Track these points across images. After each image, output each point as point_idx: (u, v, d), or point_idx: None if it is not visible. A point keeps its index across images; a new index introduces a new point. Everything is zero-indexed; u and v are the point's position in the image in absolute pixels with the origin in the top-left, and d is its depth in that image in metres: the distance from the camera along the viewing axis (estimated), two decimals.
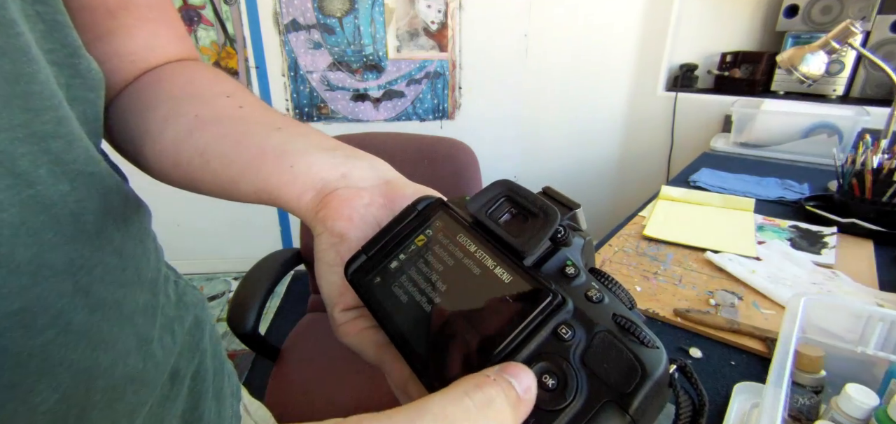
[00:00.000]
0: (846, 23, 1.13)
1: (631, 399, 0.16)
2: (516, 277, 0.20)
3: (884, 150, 1.02)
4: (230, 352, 1.92)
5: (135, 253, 0.34)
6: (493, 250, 0.22)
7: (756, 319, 0.68)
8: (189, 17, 2.01)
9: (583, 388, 0.17)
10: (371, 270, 0.24)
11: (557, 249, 0.22)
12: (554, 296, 0.19)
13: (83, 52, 0.29)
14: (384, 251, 0.24)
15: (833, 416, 0.45)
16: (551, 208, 0.22)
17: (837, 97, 1.74)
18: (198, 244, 2.36)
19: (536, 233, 0.21)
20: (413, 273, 0.23)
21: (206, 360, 0.43)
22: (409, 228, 0.24)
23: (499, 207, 0.23)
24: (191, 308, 0.42)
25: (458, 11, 2.06)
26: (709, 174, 1.32)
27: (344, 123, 2.23)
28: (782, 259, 0.85)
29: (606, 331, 0.18)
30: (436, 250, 0.23)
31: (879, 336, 0.50)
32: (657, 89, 2.04)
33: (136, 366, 0.32)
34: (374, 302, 0.22)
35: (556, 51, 2.12)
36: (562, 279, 0.21)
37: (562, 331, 0.18)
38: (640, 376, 0.17)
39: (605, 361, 0.17)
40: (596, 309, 0.19)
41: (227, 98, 0.34)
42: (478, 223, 0.23)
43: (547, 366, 0.17)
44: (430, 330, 0.20)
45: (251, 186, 0.30)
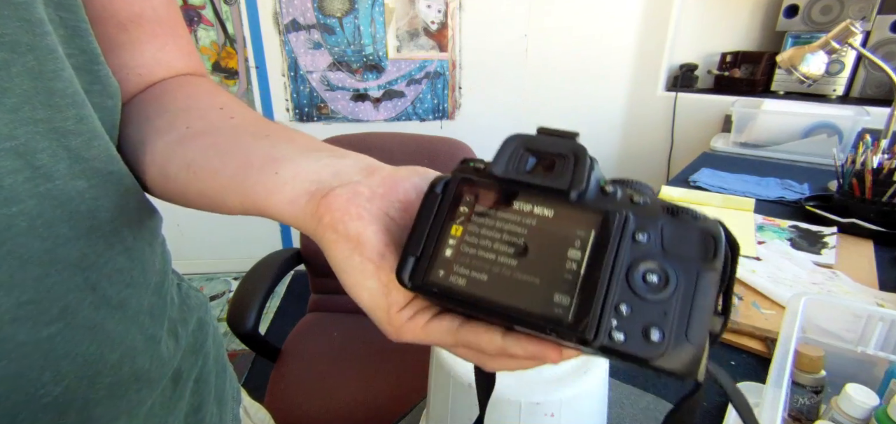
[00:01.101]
0: (846, 23, 1.13)
1: (715, 260, 0.20)
2: (578, 213, 0.21)
3: (884, 150, 1.02)
4: (230, 352, 1.92)
5: (144, 256, 0.34)
6: (537, 197, 0.22)
7: (756, 319, 0.68)
8: (189, 17, 2.01)
9: (679, 269, 0.20)
10: (428, 268, 0.23)
11: (589, 175, 0.23)
12: (620, 214, 0.21)
13: (102, 61, 0.30)
14: (430, 244, 0.23)
15: (833, 416, 0.45)
16: (576, 144, 0.23)
17: (837, 97, 1.74)
18: (198, 244, 2.36)
19: (578, 169, 0.22)
20: (474, 251, 0.22)
21: (209, 363, 0.43)
22: (443, 212, 0.24)
23: (521, 160, 0.24)
24: (194, 310, 0.42)
25: (458, 11, 2.06)
26: (709, 174, 1.32)
27: (344, 123, 2.23)
28: (782, 259, 0.85)
29: (667, 222, 0.21)
30: (485, 221, 0.23)
31: (879, 336, 0.50)
32: (657, 89, 2.04)
33: (142, 365, 0.33)
34: (452, 294, 0.22)
35: (556, 51, 2.12)
36: (607, 198, 0.22)
37: (638, 237, 0.21)
38: (713, 241, 0.20)
39: (681, 243, 0.20)
40: (646, 208, 0.21)
41: (220, 110, 0.34)
42: (510, 182, 0.23)
43: (645, 267, 0.20)
44: (526, 286, 0.21)
45: (238, 198, 0.28)
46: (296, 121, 2.21)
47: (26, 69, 0.24)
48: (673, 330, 0.19)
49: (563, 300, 0.20)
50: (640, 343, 0.20)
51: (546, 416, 0.37)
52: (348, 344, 1.12)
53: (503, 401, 0.37)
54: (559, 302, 0.20)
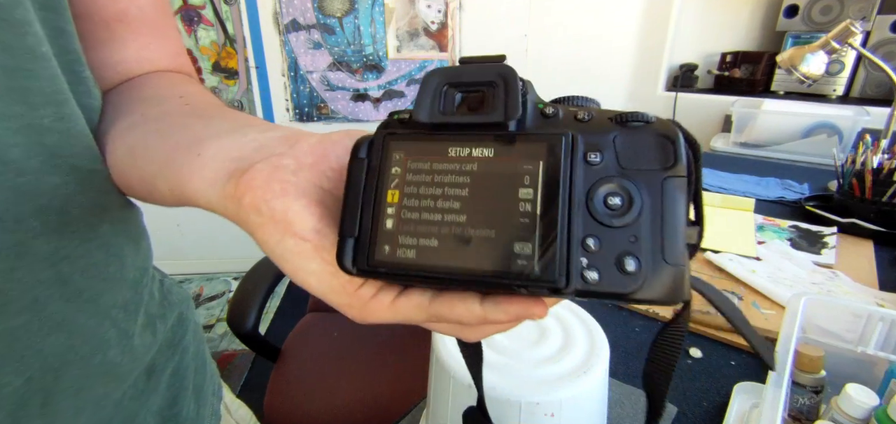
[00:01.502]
0: (846, 23, 1.13)
1: (677, 164, 0.18)
2: (521, 145, 0.19)
3: (884, 150, 1.02)
4: (230, 352, 1.92)
5: (123, 251, 0.34)
6: (472, 139, 0.20)
7: (756, 319, 0.68)
8: (189, 17, 2.01)
9: (641, 186, 0.18)
10: (371, 247, 0.20)
11: (524, 99, 0.21)
12: (566, 137, 0.19)
13: (85, 62, 0.31)
14: (367, 220, 0.21)
15: (833, 416, 0.45)
16: (503, 66, 0.21)
17: (837, 97, 1.74)
18: (198, 244, 2.36)
19: (510, 96, 0.20)
20: (417, 215, 0.20)
21: (186, 358, 0.43)
22: (373, 179, 0.21)
23: (447, 99, 0.21)
24: (175, 306, 0.42)
25: (458, 11, 2.06)
26: (709, 174, 1.32)
27: (344, 123, 2.23)
28: (782, 259, 0.85)
29: (618, 134, 0.19)
30: (420, 180, 0.20)
31: (879, 336, 0.50)
32: (657, 89, 2.04)
33: (114, 359, 0.33)
34: (402, 270, 0.20)
35: (556, 51, 2.12)
36: (548, 122, 0.21)
37: (591, 158, 0.19)
38: (671, 144, 0.19)
39: (638, 155, 0.19)
40: (593, 124, 0.20)
41: (179, 98, 0.33)
42: (439, 126, 0.21)
43: (605, 191, 0.18)
44: (482, 243, 0.19)
45: (166, 183, 0.26)
46: (296, 121, 2.21)
47: (0, 67, 0.25)
48: (648, 254, 0.18)
49: (524, 248, 0.18)
50: (616, 277, 0.18)
51: (546, 416, 0.37)
52: (348, 344, 1.12)
53: (503, 401, 0.37)
54: (521, 251, 0.18)
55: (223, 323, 2.10)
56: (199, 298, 2.27)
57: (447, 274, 0.19)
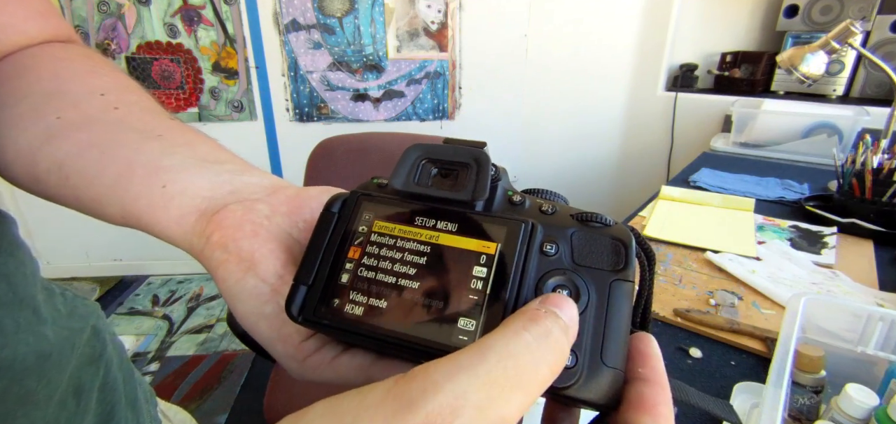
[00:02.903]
0: (846, 23, 1.13)
1: (626, 269, 0.19)
2: (482, 225, 0.20)
3: (884, 150, 1.02)
4: (230, 352, 1.92)
5: (6, 269, 0.29)
6: (440, 213, 0.21)
7: (756, 319, 0.68)
8: (189, 16, 2.01)
9: (589, 283, 0.19)
10: (321, 298, 0.20)
11: (495, 185, 0.22)
12: (526, 224, 0.20)
13: None
14: (323, 271, 0.21)
15: (833, 416, 0.45)
16: (478, 152, 0.22)
17: (837, 97, 1.74)
18: None
19: (480, 179, 0.21)
20: (373, 274, 0.20)
21: (112, 370, 0.39)
22: (339, 234, 0.21)
23: (422, 172, 0.22)
24: (86, 318, 0.38)
25: (458, 11, 2.06)
26: (709, 174, 1.32)
27: (344, 123, 2.23)
28: (782, 259, 0.85)
29: (576, 231, 0.20)
30: (383, 241, 0.21)
31: (879, 336, 0.50)
32: (657, 89, 2.04)
33: (30, 386, 0.29)
34: (347, 327, 0.20)
35: (555, 51, 2.12)
36: (513, 208, 0.21)
37: (547, 249, 0.20)
38: (624, 249, 0.19)
39: (591, 253, 0.20)
40: (555, 218, 0.21)
41: (101, 97, 0.28)
42: (411, 195, 0.22)
43: (554, 282, 0.19)
44: (431, 314, 0.19)
45: (117, 208, 0.25)
46: (296, 121, 2.21)
47: None
48: (587, 352, 0.18)
49: (468, 325, 0.18)
50: None
51: None
52: None
53: None
54: (463, 327, 0.18)
55: (223, 323, 2.10)
56: (199, 298, 2.28)
57: (388, 337, 0.19)
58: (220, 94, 2.15)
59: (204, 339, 2.01)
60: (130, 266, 2.45)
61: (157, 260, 2.42)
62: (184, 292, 2.33)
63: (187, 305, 2.23)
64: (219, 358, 1.90)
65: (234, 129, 2.20)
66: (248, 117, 2.19)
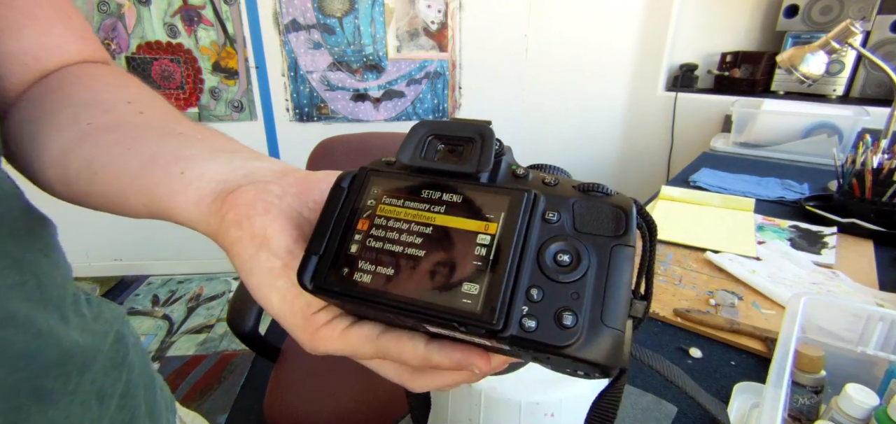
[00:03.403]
0: (846, 23, 1.13)
1: (627, 234, 0.20)
2: (486, 195, 0.21)
3: (884, 150, 1.02)
4: (230, 352, 1.92)
5: (38, 268, 0.31)
6: (445, 186, 0.22)
7: (756, 319, 0.68)
8: (189, 16, 2.01)
9: (590, 248, 0.19)
10: (332, 267, 0.21)
11: (499, 159, 0.22)
12: (528, 194, 0.20)
13: None
14: (333, 242, 0.22)
15: (833, 416, 0.45)
16: (483, 126, 0.22)
17: (837, 97, 1.74)
18: (198, 244, 2.36)
19: (484, 151, 0.22)
20: (381, 244, 0.21)
21: (133, 376, 0.40)
22: (348, 207, 0.22)
23: (429, 147, 0.23)
24: (110, 324, 0.39)
25: (458, 11, 2.06)
26: (709, 174, 1.32)
27: (344, 123, 2.23)
28: (782, 259, 0.85)
29: (578, 200, 0.21)
30: (391, 214, 0.22)
31: (879, 336, 0.50)
32: (657, 89, 2.04)
33: (47, 384, 0.30)
34: (356, 294, 0.21)
35: (555, 51, 2.12)
36: (517, 180, 0.22)
37: (549, 217, 0.20)
38: (624, 216, 0.20)
39: (592, 220, 0.20)
40: (558, 188, 0.21)
41: (128, 104, 0.31)
42: (417, 170, 0.22)
43: (556, 248, 0.20)
44: (436, 280, 0.20)
45: (140, 199, 0.26)
46: (296, 121, 2.21)
47: None
48: (587, 312, 0.18)
49: (472, 289, 0.19)
50: (552, 329, 0.18)
51: (546, 416, 0.37)
52: None
53: (503, 401, 0.37)
54: (468, 291, 0.19)
55: (223, 323, 2.10)
56: (199, 298, 2.28)
57: (395, 302, 0.20)
58: (220, 94, 2.15)
59: (204, 339, 2.01)
60: (130, 266, 2.45)
61: (157, 261, 2.42)
62: (184, 292, 2.33)
63: (187, 305, 2.23)
64: (219, 358, 1.90)
65: (234, 129, 2.20)
66: (248, 117, 2.19)
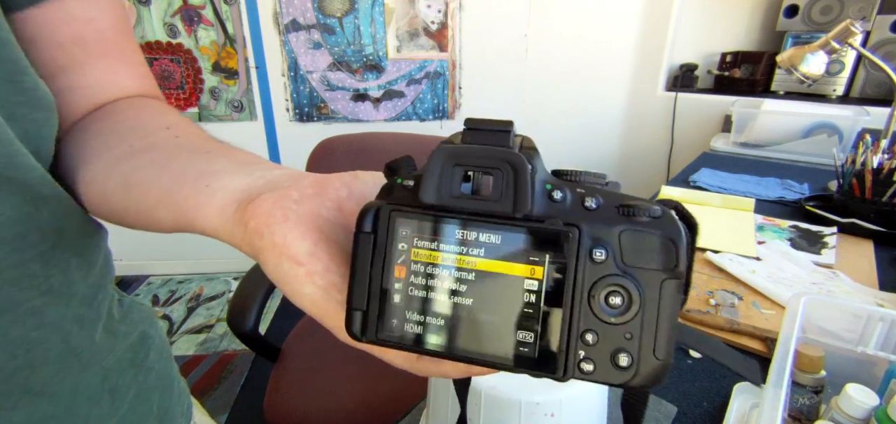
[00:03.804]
0: (846, 23, 1.13)
1: (677, 267, 0.19)
2: (528, 236, 0.20)
3: (884, 150, 1.02)
4: (230, 352, 1.92)
5: (68, 265, 0.33)
6: (481, 226, 0.20)
7: (756, 319, 0.68)
8: (189, 16, 2.01)
9: (641, 284, 0.19)
10: (379, 319, 0.21)
11: (533, 180, 0.20)
12: (572, 235, 0.19)
13: (29, 72, 0.30)
14: (375, 294, 0.21)
15: (833, 416, 0.45)
16: (511, 154, 0.20)
17: (837, 97, 1.74)
18: (198, 244, 2.36)
19: (519, 188, 0.20)
20: (424, 294, 0.21)
21: (150, 378, 0.42)
22: (380, 254, 0.21)
23: (453, 180, 0.21)
24: (137, 324, 0.41)
25: (458, 11, 2.06)
26: (709, 174, 1.32)
27: (344, 123, 2.23)
28: (782, 259, 0.85)
29: (624, 231, 0.20)
30: (427, 258, 0.21)
31: (879, 336, 0.50)
32: (657, 89, 2.04)
33: (43, 376, 0.31)
34: (408, 345, 0.21)
35: (555, 51, 2.12)
36: (555, 207, 0.20)
37: (595, 256, 0.19)
38: (674, 247, 0.19)
39: (640, 253, 0.19)
40: (599, 214, 0.20)
41: (166, 130, 0.33)
42: (445, 210, 0.21)
43: (607, 289, 0.19)
44: (488, 328, 0.20)
45: (170, 213, 0.28)
46: (296, 121, 2.21)
47: None
48: (640, 349, 0.19)
49: (527, 337, 0.20)
50: (610, 370, 0.19)
51: (546, 416, 0.37)
52: None
53: (503, 401, 0.37)
54: (523, 339, 0.20)
55: (223, 323, 2.10)
56: (199, 298, 2.28)
57: (451, 353, 0.20)
58: (220, 94, 2.15)
59: (204, 339, 2.01)
60: (130, 266, 2.45)
61: (157, 261, 2.42)
62: (184, 292, 2.33)
63: (187, 305, 2.23)
64: (219, 358, 1.90)
65: (234, 129, 2.20)
66: (248, 117, 2.19)
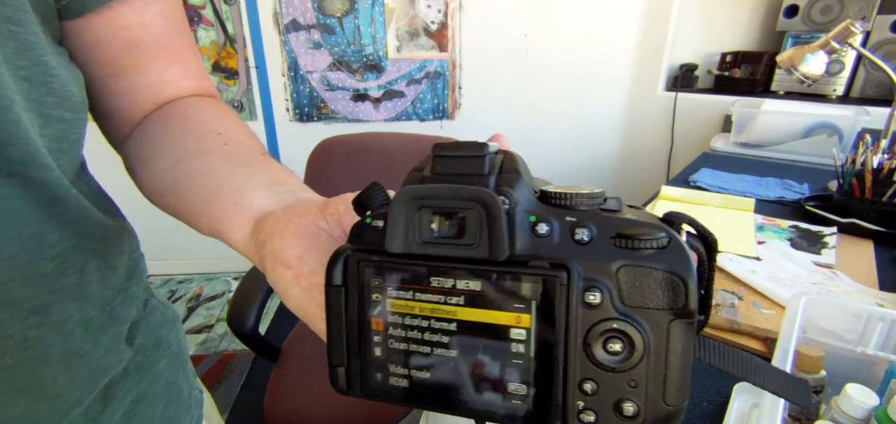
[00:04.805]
0: (846, 23, 1.13)
1: (687, 305, 0.16)
2: (509, 282, 0.17)
3: (884, 150, 1.02)
4: (230, 352, 1.92)
5: (86, 266, 0.32)
6: (457, 272, 0.18)
7: (756, 319, 0.68)
8: (189, 16, 2.01)
9: (644, 326, 0.16)
10: (363, 375, 0.20)
11: (512, 215, 0.18)
12: (560, 279, 0.17)
13: (58, 74, 0.30)
14: (353, 349, 0.20)
15: (833, 416, 0.45)
16: (482, 193, 0.17)
17: (837, 97, 1.74)
18: (198, 244, 2.36)
19: (495, 229, 0.17)
20: (405, 346, 0.20)
21: (156, 386, 0.40)
22: (353, 309, 0.20)
23: (422, 224, 0.18)
24: (153, 328, 0.41)
25: (458, 11, 2.06)
26: (709, 174, 1.32)
27: (344, 123, 2.23)
28: (782, 259, 0.85)
29: (622, 268, 0.17)
30: (404, 308, 0.19)
31: (879, 336, 0.50)
32: (657, 89, 2.04)
33: (48, 375, 0.31)
34: (398, 396, 0.20)
35: (555, 51, 2.12)
36: (540, 244, 0.18)
37: (590, 300, 0.17)
38: (682, 283, 0.16)
39: (642, 292, 0.17)
40: (593, 248, 0.17)
41: (217, 135, 0.35)
42: (415, 258, 0.19)
43: (604, 335, 0.17)
44: (477, 381, 0.19)
45: (205, 220, 0.30)
46: (296, 121, 2.21)
47: None
48: (649, 399, 0.17)
49: (519, 389, 0.18)
50: (613, 420, 0.17)
51: None
52: None
53: None
54: (515, 391, 0.18)
55: (223, 323, 2.10)
56: (199, 298, 2.27)
57: (441, 405, 0.19)
58: (220, 94, 2.15)
59: (204, 339, 2.01)
60: None
61: (158, 261, 2.42)
62: (184, 292, 2.33)
63: (187, 305, 2.23)
64: (219, 358, 1.90)
65: None
66: (248, 117, 2.19)
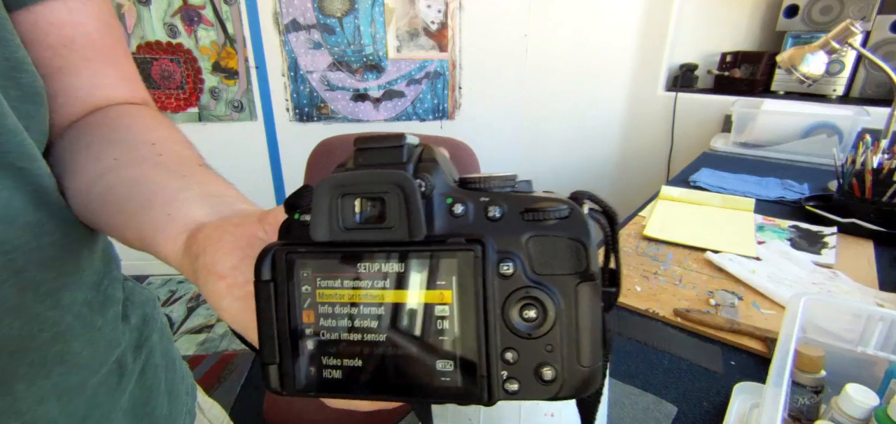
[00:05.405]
0: (846, 23, 1.13)
1: (589, 268, 0.18)
2: (429, 260, 0.19)
3: (884, 150, 1.02)
4: (230, 352, 1.92)
5: (79, 251, 0.35)
6: (381, 255, 0.19)
7: (756, 319, 0.68)
8: (189, 16, 2.01)
9: (554, 293, 0.18)
10: (295, 371, 0.20)
11: (429, 198, 0.19)
12: (476, 251, 0.18)
13: (28, 68, 0.31)
14: (285, 346, 0.20)
15: (833, 416, 0.45)
16: (398, 175, 0.19)
17: (837, 97, 1.74)
18: None
19: (412, 215, 0.18)
20: (336, 335, 0.20)
21: (155, 357, 0.44)
22: (284, 303, 0.20)
23: (344, 210, 0.19)
24: (138, 306, 0.44)
25: (458, 11, 2.06)
26: (709, 174, 1.32)
27: (344, 123, 2.23)
28: (782, 259, 0.85)
29: (530, 238, 0.19)
30: (333, 297, 0.20)
31: (879, 336, 0.50)
32: (657, 89, 2.04)
33: (75, 349, 0.34)
34: (332, 388, 0.20)
35: (556, 51, 2.12)
36: (457, 223, 0.19)
37: (503, 270, 0.18)
38: (583, 249, 0.18)
39: (550, 259, 0.18)
40: (504, 223, 0.19)
41: (152, 146, 0.34)
42: (340, 244, 0.20)
43: (519, 303, 0.18)
44: (407, 361, 0.19)
45: (135, 233, 0.29)
46: (296, 121, 2.21)
47: None
48: (564, 361, 0.18)
49: (446, 366, 0.19)
50: (535, 386, 0.19)
51: (546, 416, 0.37)
52: None
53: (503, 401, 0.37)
54: (443, 369, 0.19)
55: (223, 324, 2.09)
56: (200, 298, 2.27)
57: (375, 391, 0.20)
58: (220, 94, 2.15)
59: (204, 339, 2.01)
60: (131, 266, 2.45)
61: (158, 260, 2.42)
62: (184, 292, 2.33)
63: (187, 305, 2.23)
64: (219, 358, 1.90)
65: (234, 129, 2.20)
66: (248, 117, 2.19)
